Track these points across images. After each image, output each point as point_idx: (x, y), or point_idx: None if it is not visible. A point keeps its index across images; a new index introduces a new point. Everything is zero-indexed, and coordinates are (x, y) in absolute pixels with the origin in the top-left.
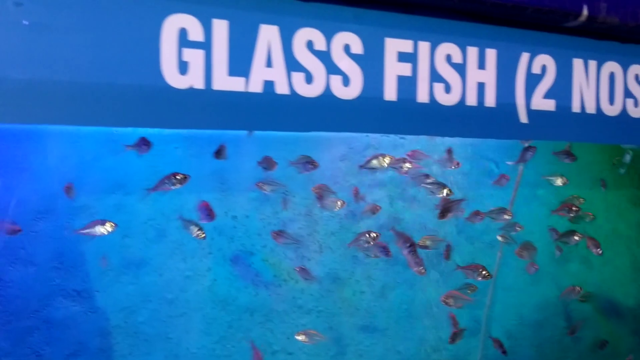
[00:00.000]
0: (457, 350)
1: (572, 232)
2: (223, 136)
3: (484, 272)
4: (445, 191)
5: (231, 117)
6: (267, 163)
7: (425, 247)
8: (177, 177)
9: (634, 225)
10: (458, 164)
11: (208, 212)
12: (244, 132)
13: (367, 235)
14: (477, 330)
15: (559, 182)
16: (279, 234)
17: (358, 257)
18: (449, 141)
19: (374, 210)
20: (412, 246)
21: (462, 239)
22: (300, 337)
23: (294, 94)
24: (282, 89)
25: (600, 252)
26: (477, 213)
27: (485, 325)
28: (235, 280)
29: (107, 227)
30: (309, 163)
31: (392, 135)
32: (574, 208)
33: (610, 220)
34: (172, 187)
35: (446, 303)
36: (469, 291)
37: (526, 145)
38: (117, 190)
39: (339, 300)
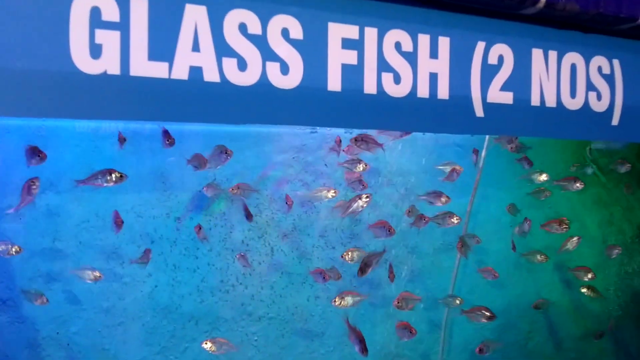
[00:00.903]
0: (416, 357)
1: (524, 220)
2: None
3: (487, 314)
4: (443, 199)
5: (152, 106)
6: (197, 161)
7: (352, 260)
8: (113, 174)
9: (597, 224)
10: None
11: (116, 221)
12: (188, 127)
13: (359, 199)
14: (438, 335)
15: (542, 178)
16: (200, 227)
17: (312, 259)
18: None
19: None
20: (363, 343)
21: (422, 240)
22: (207, 346)
23: (224, 81)
24: (211, 76)
25: (593, 276)
26: (421, 217)
27: (444, 329)
28: (178, 286)
29: (34, 189)
30: (224, 152)
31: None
32: (564, 225)
33: (575, 219)
34: (105, 184)
35: (399, 307)
36: (457, 301)
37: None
38: (47, 189)
39: (292, 306)
